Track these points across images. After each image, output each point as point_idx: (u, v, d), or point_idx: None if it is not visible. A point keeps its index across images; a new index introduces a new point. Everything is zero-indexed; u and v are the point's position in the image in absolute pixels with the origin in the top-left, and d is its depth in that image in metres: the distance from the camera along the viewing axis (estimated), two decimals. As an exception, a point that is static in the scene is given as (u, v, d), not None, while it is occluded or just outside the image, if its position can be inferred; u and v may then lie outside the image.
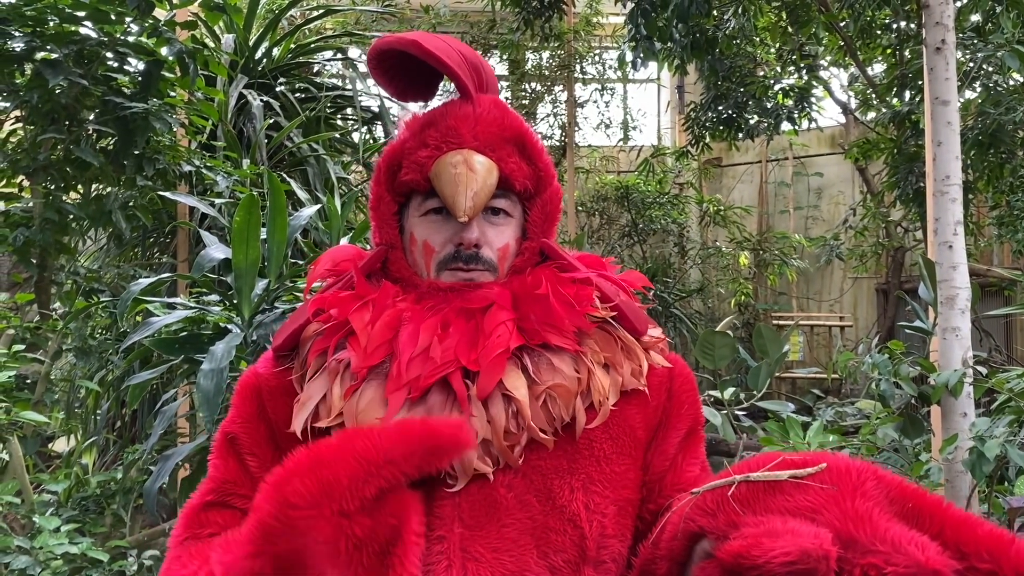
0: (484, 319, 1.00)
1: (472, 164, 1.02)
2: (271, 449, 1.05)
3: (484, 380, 0.95)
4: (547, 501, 0.98)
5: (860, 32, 6.25)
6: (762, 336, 3.10)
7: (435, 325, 0.99)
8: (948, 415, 2.42)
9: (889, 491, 0.88)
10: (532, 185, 1.09)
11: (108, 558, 2.59)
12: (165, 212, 3.91)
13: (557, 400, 0.98)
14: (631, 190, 8.72)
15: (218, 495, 1.06)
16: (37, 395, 3.20)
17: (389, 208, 1.10)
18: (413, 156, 1.05)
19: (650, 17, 4.52)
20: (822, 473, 0.89)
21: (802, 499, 0.88)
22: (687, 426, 1.11)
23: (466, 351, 0.97)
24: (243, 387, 1.11)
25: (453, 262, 1.04)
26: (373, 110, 4.84)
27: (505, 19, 8.07)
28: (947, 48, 2.52)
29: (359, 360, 0.98)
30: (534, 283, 1.04)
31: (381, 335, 0.99)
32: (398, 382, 0.96)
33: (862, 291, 9.36)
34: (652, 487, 1.08)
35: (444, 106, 1.09)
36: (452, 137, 1.04)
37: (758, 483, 0.91)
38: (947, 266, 2.45)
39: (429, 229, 1.06)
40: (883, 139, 6.55)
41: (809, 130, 7.96)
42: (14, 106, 3.32)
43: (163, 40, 3.27)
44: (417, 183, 1.05)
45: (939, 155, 2.48)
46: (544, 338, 0.99)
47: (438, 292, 1.04)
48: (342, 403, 0.97)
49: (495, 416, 0.95)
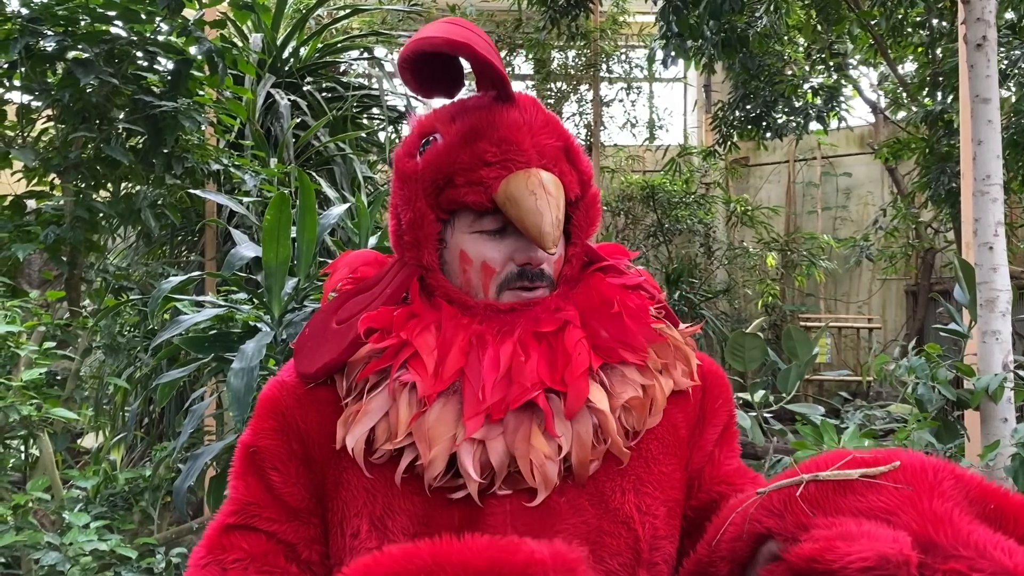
0: (562, 340, 0.97)
1: (548, 188, 0.95)
2: (296, 464, 1.01)
3: (573, 398, 0.93)
4: (600, 504, 0.96)
5: (891, 30, 6.17)
6: (792, 338, 3.05)
7: (514, 348, 0.96)
8: (988, 420, 2.36)
9: (969, 491, 0.83)
10: (579, 190, 1.04)
11: (136, 555, 2.59)
12: (194, 210, 3.93)
13: (632, 413, 0.97)
14: (657, 190, 8.65)
15: (241, 517, 1.01)
16: (67, 392, 3.22)
17: (433, 228, 1.01)
18: (472, 174, 0.97)
19: (682, 14, 4.48)
20: (895, 472, 0.85)
21: (875, 500, 0.83)
22: (723, 422, 1.10)
23: (548, 372, 0.94)
24: (265, 401, 1.05)
25: (518, 281, 1.00)
26: (399, 109, 4.85)
27: (531, 18, 8.05)
28: (988, 44, 2.46)
29: (428, 385, 0.93)
30: (600, 298, 1.01)
31: (457, 361, 0.95)
32: (479, 406, 0.92)
33: (891, 293, 9.23)
34: (692, 483, 1.06)
35: (487, 112, 1.00)
36: (515, 154, 0.97)
37: (827, 482, 0.86)
38: (987, 268, 2.39)
39: (484, 247, 1.00)
40: (914, 139, 6.45)
41: (838, 129, 7.87)
42: (46, 105, 3.35)
43: (192, 39, 3.29)
44: (481, 204, 0.97)
45: (979, 154, 2.42)
46: (621, 357, 0.98)
47: (498, 313, 0.99)
48: (408, 425, 0.92)
49: (581, 432, 0.93)
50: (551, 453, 0.92)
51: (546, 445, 0.92)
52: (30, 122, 3.42)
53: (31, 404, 2.60)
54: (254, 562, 0.98)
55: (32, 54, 3.09)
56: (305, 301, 2.36)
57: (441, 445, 0.91)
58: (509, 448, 0.92)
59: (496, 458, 0.91)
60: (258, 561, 0.98)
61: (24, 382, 2.62)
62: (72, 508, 2.81)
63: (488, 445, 0.92)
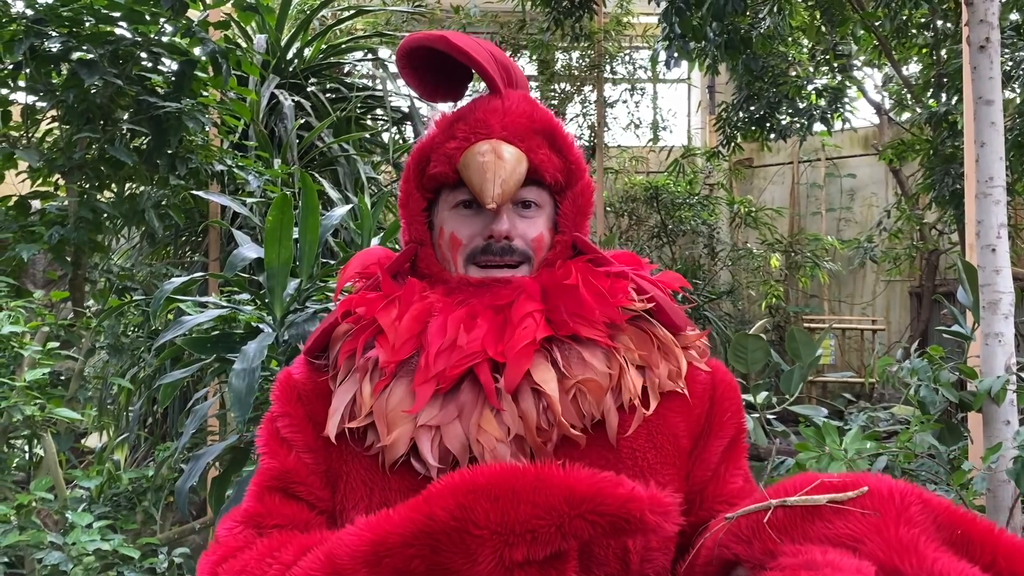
0: (511, 310, 0.98)
1: (500, 152, 1.01)
2: (313, 452, 1.02)
3: (511, 372, 0.92)
4: None
5: (895, 31, 6.15)
6: (795, 339, 3.04)
7: (463, 317, 0.97)
8: (990, 423, 2.35)
9: (936, 516, 0.82)
10: (563, 178, 1.07)
11: (139, 555, 2.60)
12: (197, 211, 3.93)
13: (587, 396, 0.94)
14: (661, 191, 8.65)
15: (282, 482, 1.01)
16: (71, 392, 3.23)
17: (418, 204, 1.08)
18: (441, 149, 1.05)
19: (685, 15, 4.47)
20: (863, 497, 0.84)
21: (842, 526, 0.82)
22: (730, 435, 1.07)
23: (493, 343, 0.95)
24: (284, 384, 1.07)
25: (483, 255, 1.03)
26: (403, 111, 4.85)
27: (535, 19, 8.05)
28: (991, 46, 2.45)
29: (387, 356, 0.96)
30: (563, 274, 1.02)
31: (409, 329, 0.97)
32: (426, 374, 0.94)
33: (895, 294, 9.21)
34: (693, 499, 1.04)
35: (474, 101, 1.08)
36: (481, 128, 1.03)
37: (795, 508, 0.85)
38: (990, 270, 2.38)
39: (457, 222, 1.05)
40: (918, 140, 6.44)
41: (842, 131, 7.85)
42: (50, 105, 3.35)
43: (196, 40, 3.29)
44: (446, 175, 1.04)
45: (983, 156, 2.41)
46: (573, 329, 0.96)
47: (467, 287, 1.02)
48: (372, 400, 0.95)
49: (526, 411, 0.92)
50: (501, 435, 0.91)
51: (496, 428, 0.91)
52: (34, 123, 3.43)
53: (35, 404, 2.61)
54: (296, 529, 0.96)
55: (36, 55, 3.10)
56: (307, 302, 2.36)
57: (401, 428, 0.93)
58: (465, 432, 0.92)
59: (453, 443, 0.92)
60: (300, 528, 0.97)
61: (28, 382, 2.63)
62: (75, 508, 2.82)
63: (444, 431, 0.92)
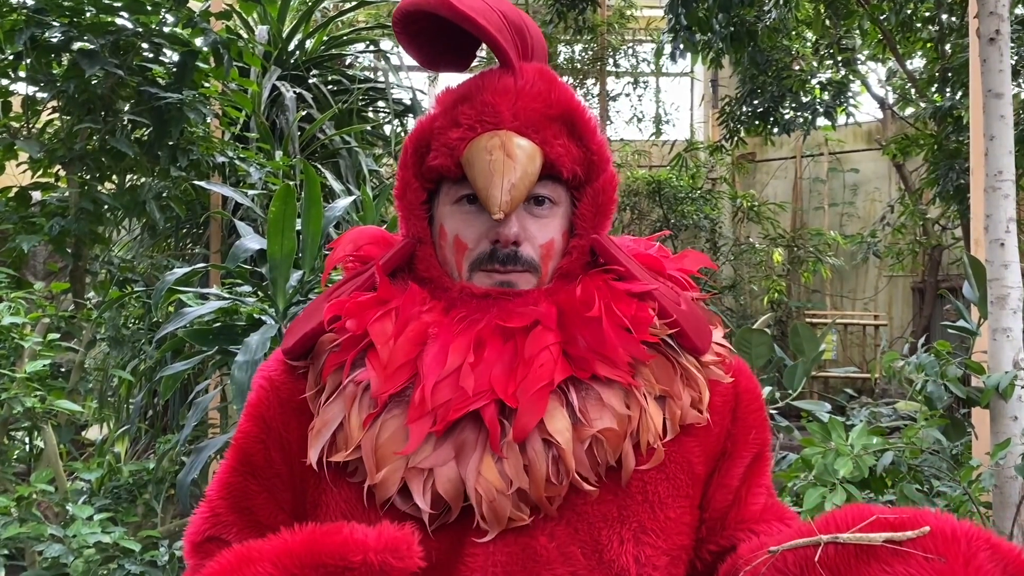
0: (525, 342, 0.85)
1: (510, 149, 0.86)
2: (273, 478, 0.96)
3: (522, 420, 0.82)
4: (593, 555, 0.86)
5: (900, 25, 6.13)
6: (799, 335, 3.03)
7: (467, 345, 0.85)
8: (997, 418, 2.34)
9: (1007, 564, 0.75)
10: (582, 171, 0.92)
11: (140, 548, 2.58)
12: (198, 203, 3.92)
13: (604, 444, 0.84)
14: (663, 185, 8.63)
15: (213, 529, 0.96)
16: (71, 384, 3.21)
17: (417, 196, 0.94)
18: (443, 137, 0.90)
19: (691, 7, 4.44)
20: (924, 539, 0.77)
21: (902, 570, 0.75)
22: (753, 453, 0.97)
23: (503, 381, 0.83)
24: (251, 404, 0.98)
25: (488, 262, 0.89)
26: (405, 103, 4.83)
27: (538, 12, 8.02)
28: (1001, 39, 2.43)
29: (379, 384, 0.85)
30: (584, 300, 0.88)
31: (404, 353, 0.85)
32: (421, 410, 0.83)
33: (897, 289, 9.20)
34: (713, 526, 0.95)
35: (481, 77, 0.92)
36: (488, 115, 0.88)
37: (848, 546, 0.78)
38: (998, 264, 2.36)
39: (461, 221, 0.91)
40: (922, 135, 6.42)
41: (846, 125, 7.83)
42: (51, 96, 3.34)
43: (198, 31, 3.27)
44: (447, 169, 0.89)
45: (991, 150, 2.39)
46: (594, 370, 0.85)
47: (471, 299, 0.89)
48: (360, 433, 0.84)
49: (533, 461, 0.82)
50: (502, 487, 0.81)
51: (497, 478, 0.82)
52: (35, 113, 3.41)
53: (35, 396, 2.60)
54: None
55: (37, 45, 3.08)
56: (310, 294, 2.34)
57: (391, 465, 0.83)
58: (462, 477, 0.82)
59: (446, 488, 0.82)
60: None
61: (28, 374, 2.61)
62: (76, 500, 2.81)
63: (437, 473, 0.82)
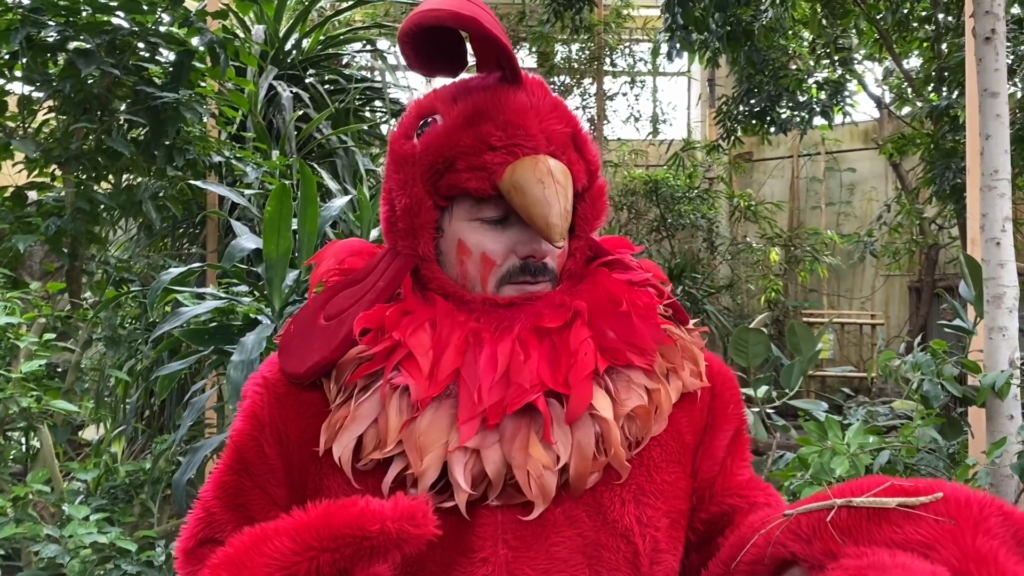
0: (567, 338, 0.91)
1: (557, 176, 0.89)
2: (269, 472, 0.97)
3: (575, 403, 0.87)
4: (597, 516, 0.91)
5: (897, 25, 6.14)
6: (795, 334, 3.03)
7: (511, 346, 0.90)
8: (993, 417, 2.35)
9: (1017, 530, 0.77)
10: (586, 180, 0.97)
11: (136, 548, 2.58)
12: (195, 202, 3.91)
13: (636, 422, 0.91)
14: (660, 184, 8.63)
15: (207, 530, 0.97)
16: (67, 384, 3.21)
17: (431, 215, 0.95)
18: (475, 158, 0.90)
19: (687, 6, 4.45)
20: (937, 504, 0.79)
21: (913, 532, 0.77)
22: (733, 427, 1.04)
23: (550, 373, 0.88)
24: (243, 405, 0.99)
25: (519, 275, 0.94)
26: (402, 102, 4.83)
27: (535, 11, 8.03)
28: (997, 38, 2.44)
29: (422, 389, 0.87)
30: (608, 296, 0.95)
31: (452, 362, 0.89)
32: (474, 409, 0.86)
33: (894, 289, 9.21)
34: (703, 494, 1.00)
35: (492, 93, 0.93)
36: (522, 139, 0.90)
37: (861, 510, 0.81)
38: (994, 263, 2.37)
39: (484, 237, 0.94)
40: (919, 134, 6.43)
41: (843, 125, 7.84)
42: (47, 96, 3.33)
43: (194, 30, 3.26)
44: (484, 191, 0.91)
45: (987, 149, 2.40)
46: (628, 359, 0.92)
47: (496, 308, 0.94)
48: (397, 432, 0.87)
49: (582, 440, 0.87)
50: (549, 463, 0.86)
51: (544, 455, 0.86)
52: (31, 113, 3.40)
53: (31, 396, 2.59)
54: None
55: (33, 44, 3.07)
56: (306, 294, 2.34)
57: (433, 453, 0.86)
58: (506, 457, 0.86)
59: (492, 468, 0.86)
60: None
61: (24, 374, 2.61)
62: (72, 500, 2.81)
63: (484, 454, 0.86)
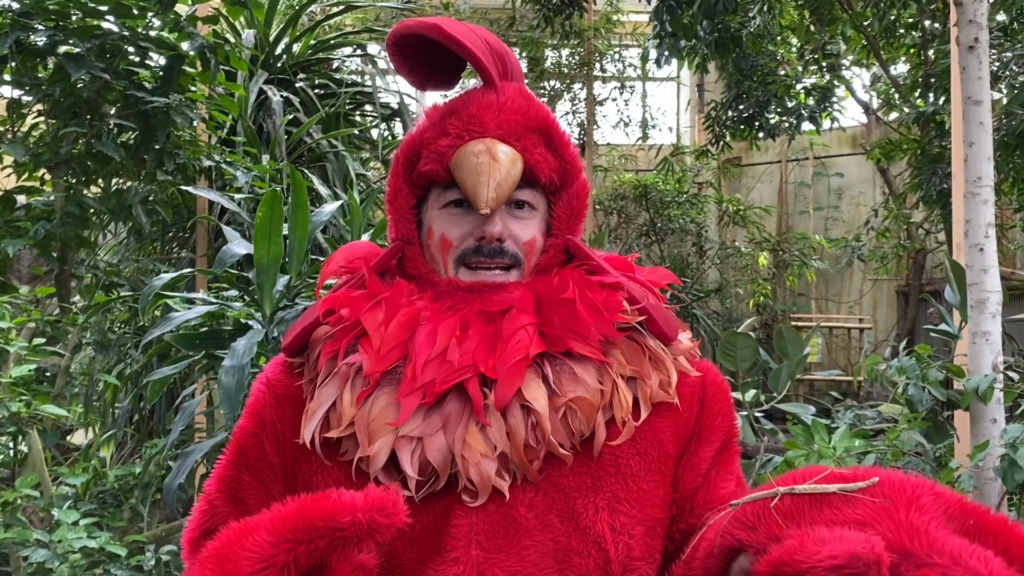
0: (504, 322, 0.94)
1: (495, 153, 0.97)
2: (267, 470, 1.02)
3: (502, 389, 0.90)
4: (570, 521, 0.92)
5: (884, 31, 6.19)
6: (783, 338, 3.05)
7: (453, 326, 0.94)
8: (977, 421, 2.37)
9: (948, 507, 0.82)
10: (558, 178, 1.04)
11: (126, 552, 2.58)
12: (185, 207, 3.91)
13: (578, 414, 0.92)
14: (650, 189, 8.67)
15: (209, 522, 1.01)
16: (57, 388, 3.21)
17: (407, 201, 1.05)
18: (433, 145, 1.01)
19: (675, 13, 4.48)
20: (874, 488, 0.83)
21: (851, 512, 0.82)
22: (721, 439, 1.05)
23: (484, 356, 0.92)
24: (249, 402, 1.06)
25: (474, 256, 0.99)
26: (392, 107, 4.84)
27: (525, 16, 8.05)
28: (980, 47, 2.46)
29: (371, 364, 0.93)
30: (560, 285, 0.98)
31: (396, 336, 0.94)
32: (412, 385, 0.91)
33: (882, 293, 9.27)
34: (683, 505, 1.01)
35: (467, 94, 1.04)
36: (474, 125, 0.99)
37: (803, 496, 0.84)
38: (978, 269, 2.40)
39: (448, 222, 1.01)
40: (906, 140, 6.48)
41: (831, 130, 7.88)
42: (37, 100, 3.33)
43: (184, 35, 3.27)
44: (437, 173, 1.00)
45: (971, 156, 2.43)
46: (567, 345, 0.94)
47: (457, 291, 0.99)
48: (353, 410, 0.92)
49: (514, 427, 0.90)
50: (487, 451, 0.89)
51: (482, 443, 0.90)
52: (20, 117, 3.40)
53: (20, 400, 2.59)
54: None
55: (23, 48, 3.07)
56: (297, 298, 2.35)
57: (383, 438, 0.90)
58: (449, 445, 0.90)
59: (435, 456, 0.90)
60: None
61: (13, 378, 2.61)
62: (61, 505, 2.80)
63: (427, 442, 0.90)
